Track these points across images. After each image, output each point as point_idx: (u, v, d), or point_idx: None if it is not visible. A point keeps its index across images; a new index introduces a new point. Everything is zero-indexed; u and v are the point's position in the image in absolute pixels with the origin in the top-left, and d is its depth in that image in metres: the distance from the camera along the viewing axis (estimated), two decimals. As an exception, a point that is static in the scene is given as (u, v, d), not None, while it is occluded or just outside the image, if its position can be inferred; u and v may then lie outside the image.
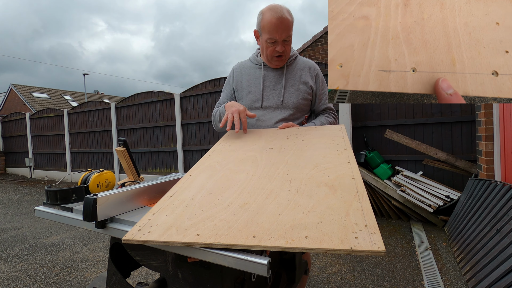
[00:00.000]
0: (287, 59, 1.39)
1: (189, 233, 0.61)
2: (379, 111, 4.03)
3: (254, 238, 0.56)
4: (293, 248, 0.53)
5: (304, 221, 0.60)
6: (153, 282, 0.82)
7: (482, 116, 2.89)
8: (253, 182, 0.80)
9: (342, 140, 1.01)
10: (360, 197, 0.66)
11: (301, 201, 0.68)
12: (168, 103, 5.91)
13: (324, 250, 0.52)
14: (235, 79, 1.47)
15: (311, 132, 1.15)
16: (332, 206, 0.64)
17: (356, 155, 4.05)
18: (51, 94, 22.69)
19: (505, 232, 1.87)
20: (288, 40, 1.30)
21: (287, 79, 1.40)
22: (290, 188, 0.74)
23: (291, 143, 1.05)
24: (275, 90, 1.39)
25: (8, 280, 2.41)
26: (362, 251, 0.50)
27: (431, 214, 3.26)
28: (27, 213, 4.64)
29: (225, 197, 0.73)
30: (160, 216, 0.69)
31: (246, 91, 1.43)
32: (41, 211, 0.90)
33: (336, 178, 0.76)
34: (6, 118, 9.74)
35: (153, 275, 2.36)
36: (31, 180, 8.41)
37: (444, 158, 3.51)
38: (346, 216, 0.60)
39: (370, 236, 0.53)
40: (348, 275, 2.31)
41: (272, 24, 1.25)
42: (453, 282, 2.11)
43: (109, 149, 6.96)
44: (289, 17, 1.26)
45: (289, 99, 1.37)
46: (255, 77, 1.43)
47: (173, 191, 0.81)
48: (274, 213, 0.64)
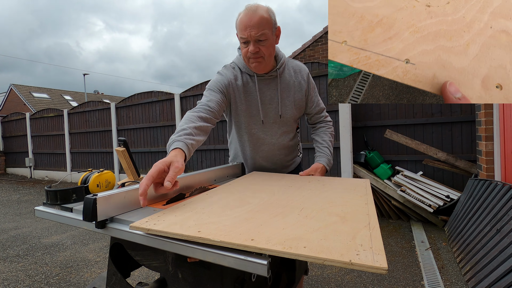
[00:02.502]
0: (268, 63, 1.25)
1: (191, 229, 0.64)
2: (379, 111, 4.04)
3: (252, 241, 0.57)
4: (290, 253, 0.53)
5: (307, 237, 0.59)
6: (153, 282, 0.82)
7: (482, 116, 2.89)
8: (265, 205, 0.82)
9: (364, 189, 1.02)
10: (371, 228, 0.64)
11: (308, 223, 0.68)
12: (168, 103, 5.91)
13: (321, 260, 0.51)
14: (230, 90, 1.30)
15: (334, 180, 1.17)
16: (339, 230, 0.63)
17: (356, 155, 4.06)
18: (51, 94, 22.70)
19: (505, 232, 1.87)
20: (263, 40, 1.17)
21: (282, 90, 1.34)
22: (299, 213, 0.75)
23: (311, 185, 1.08)
24: (272, 105, 1.34)
25: (8, 280, 2.41)
26: (361, 265, 0.48)
27: (431, 214, 3.26)
28: (27, 213, 4.64)
29: (234, 212, 0.76)
30: (169, 215, 0.74)
31: (245, 105, 1.32)
32: (41, 211, 0.90)
33: (349, 212, 0.76)
34: (6, 118, 9.74)
35: (153, 275, 2.36)
36: (31, 180, 8.41)
37: (444, 158, 3.51)
38: (352, 239, 0.58)
39: (373, 255, 0.51)
40: (348, 275, 2.31)
41: (242, 22, 1.16)
42: (453, 282, 2.11)
43: (109, 149, 6.96)
44: (264, 14, 1.15)
45: (286, 112, 1.35)
46: (251, 92, 1.32)
47: (186, 202, 0.86)
48: (278, 227, 0.65)
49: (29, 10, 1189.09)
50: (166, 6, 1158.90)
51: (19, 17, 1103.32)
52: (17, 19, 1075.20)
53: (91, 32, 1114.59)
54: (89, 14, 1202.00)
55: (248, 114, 1.33)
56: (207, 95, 1.24)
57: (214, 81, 1.29)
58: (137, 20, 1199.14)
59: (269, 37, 1.18)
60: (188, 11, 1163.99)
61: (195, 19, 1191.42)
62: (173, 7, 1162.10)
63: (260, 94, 1.32)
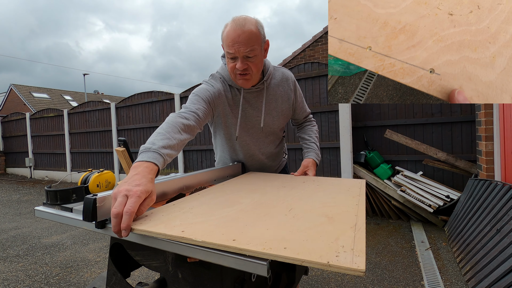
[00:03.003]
0: (255, 79, 1.22)
1: (175, 229, 0.64)
2: (379, 111, 4.04)
3: (234, 241, 0.58)
4: (269, 254, 0.53)
5: (290, 237, 0.60)
6: (153, 282, 0.82)
7: (482, 116, 2.89)
8: (255, 206, 0.82)
9: (358, 190, 1.02)
10: (357, 229, 0.64)
11: (294, 224, 0.68)
12: (168, 103, 5.91)
13: (300, 261, 0.51)
14: (218, 102, 1.25)
15: (329, 181, 1.18)
16: (324, 231, 0.64)
17: (356, 155, 4.06)
18: (51, 94, 22.70)
19: (505, 232, 1.87)
20: (252, 56, 1.12)
21: (269, 102, 1.32)
22: (287, 214, 0.75)
23: (305, 185, 1.09)
24: (259, 117, 1.32)
25: (8, 280, 2.41)
26: (339, 267, 0.48)
27: (431, 214, 3.26)
28: (27, 213, 4.64)
29: (223, 212, 0.77)
30: (157, 215, 0.74)
31: (233, 118, 1.30)
32: (41, 211, 0.90)
33: (338, 213, 0.76)
34: (6, 118, 9.74)
35: (153, 275, 2.36)
36: (31, 180, 8.41)
37: (444, 158, 3.51)
38: (335, 240, 0.59)
39: (353, 257, 0.51)
40: (348, 275, 2.31)
41: (229, 37, 1.09)
42: (453, 282, 2.11)
43: (109, 149, 6.96)
44: (254, 29, 1.09)
45: (273, 123, 1.36)
46: (238, 104, 1.29)
47: (177, 202, 0.86)
48: (263, 228, 0.65)
49: (28, 9, 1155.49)
50: (165, 6, 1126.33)
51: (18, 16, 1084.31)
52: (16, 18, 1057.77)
53: (91, 32, 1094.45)
54: (88, 14, 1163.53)
55: (235, 126, 1.31)
56: (195, 102, 1.15)
57: (204, 89, 1.21)
58: (136, 20, 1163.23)
59: (258, 53, 1.14)
60: (188, 11, 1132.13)
61: (195, 19, 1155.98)
62: (173, 7, 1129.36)
63: (247, 106, 1.30)
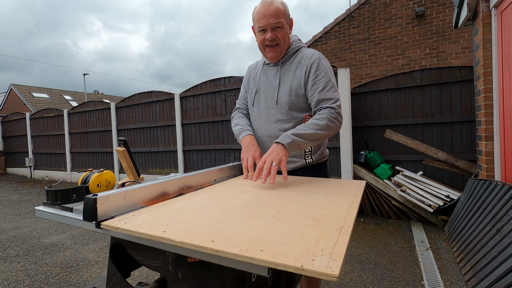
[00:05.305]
0: (283, 49, 1.34)
1: (158, 229, 0.65)
2: (379, 111, 4.04)
3: (212, 242, 0.58)
4: (244, 256, 0.53)
5: (269, 239, 0.59)
6: (153, 282, 0.82)
7: (482, 116, 2.89)
8: (243, 207, 0.82)
9: (355, 191, 1.01)
10: (342, 232, 0.63)
11: (278, 226, 0.67)
12: (168, 103, 5.91)
13: (274, 264, 0.50)
14: (246, 78, 1.55)
15: (327, 182, 1.16)
16: (306, 233, 0.63)
17: (356, 155, 4.06)
18: (51, 94, 22.70)
19: (505, 232, 1.87)
20: (280, 27, 1.27)
21: (282, 76, 1.37)
22: (274, 215, 0.75)
23: (301, 186, 1.08)
24: (270, 90, 1.39)
25: (8, 280, 2.41)
26: (312, 271, 0.48)
27: (431, 214, 3.26)
28: (27, 213, 4.64)
29: (209, 212, 0.77)
30: (144, 215, 0.76)
31: (249, 91, 1.49)
32: (41, 211, 0.90)
33: (326, 215, 0.74)
34: (6, 118, 9.74)
35: (153, 275, 2.36)
36: (31, 180, 8.41)
37: (444, 158, 3.51)
38: (316, 243, 0.58)
39: (329, 262, 0.50)
40: (348, 275, 2.31)
41: (260, 13, 1.26)
42: (453, 282, 2.11)
43: (109, 149, 6.96)
44: (280, 6, 1.26)
45: (282, 98, 1.35)
46: (254, 78, 1.48)
47: (167, 202, 0.88)
48: (245, 229, 0.65)
49: (26, 9, 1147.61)
50: (163, 6, 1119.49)
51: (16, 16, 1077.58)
52: (13, 18, 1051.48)
53: (89, 32, 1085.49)
54: (86, 13, 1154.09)
55: (252, 97, 1.46)
56: (242, 97, 1.56)
57: (244, 77, 1.58)
58: (135, 19, 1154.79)
59: (284, 26, 1.29)
60: (186, 10, 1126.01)
61: (193, 19, 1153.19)
62: (171, 7, 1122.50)
63: (262, 79, 1.44)
